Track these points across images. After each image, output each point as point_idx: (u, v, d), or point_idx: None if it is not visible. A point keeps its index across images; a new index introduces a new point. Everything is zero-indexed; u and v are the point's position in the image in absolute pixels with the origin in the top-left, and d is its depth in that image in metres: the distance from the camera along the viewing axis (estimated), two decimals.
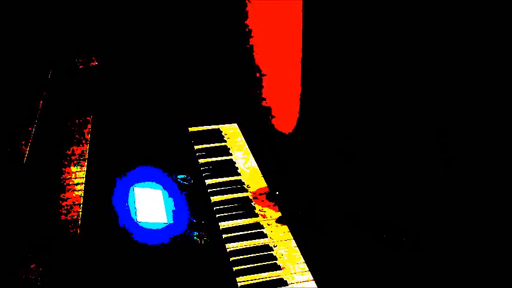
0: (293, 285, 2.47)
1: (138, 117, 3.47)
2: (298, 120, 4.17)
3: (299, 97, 4.14)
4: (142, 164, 3.00)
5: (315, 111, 4.10)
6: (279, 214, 2.86)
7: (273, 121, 4.14)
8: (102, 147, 3.10)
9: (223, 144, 3.44)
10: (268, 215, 2.86)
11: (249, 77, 4.06)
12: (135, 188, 2.84)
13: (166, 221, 2.71)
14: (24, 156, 2.65)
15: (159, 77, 3.93)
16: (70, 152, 3.01)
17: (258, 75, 4.05)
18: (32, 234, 2.43)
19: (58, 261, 2.34)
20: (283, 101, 4.13)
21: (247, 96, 4.07)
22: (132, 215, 2.68)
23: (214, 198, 2.96)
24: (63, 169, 2.87)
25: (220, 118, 3.68)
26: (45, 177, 2.80)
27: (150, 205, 2.78)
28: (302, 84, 4.11)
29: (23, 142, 2.75)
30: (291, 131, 4.20)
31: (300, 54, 4.01)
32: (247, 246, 2.66)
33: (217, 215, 2.84)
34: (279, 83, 4.08)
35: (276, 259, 2.59)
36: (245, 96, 4.06)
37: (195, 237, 2.63)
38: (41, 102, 3.13)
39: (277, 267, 2.55)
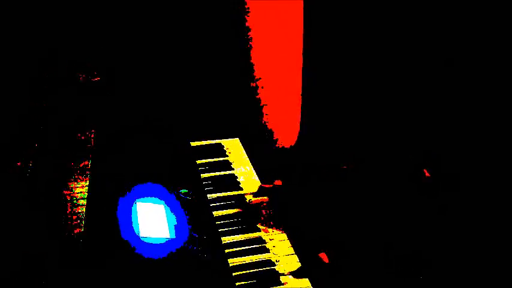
0: None
1: (140, 132, 3.48)
2: (300, 133, 4.18)
3: (300, 110, 4.15)
4: (145, 179, 3.00)
5: (316, 123, 4.11)
6: (281, 232, 2.86)
7: (275, 135, 4.15)
8: (105, 162, 3.10)
9: (225, 158, 3.45)
10: (270, 230, 2.86)
11: (250, 91, 4.07)
12: (138, 203, 2.84)
13: (168, 236, 2.71)
14: (27, 171, 2.65)
15: (161, 91, 3.94)
16: (72, 167, 3.01)
17: (259, 89, 4.06)
18: (34, 248, 2.43)
19: (60, 275, 2.34)
20: (285, 113, 4.14)
21: (249, 110, 4.09)
22: (135, 230, 2.68)
23: (216, 213, 2.96)
24: (66, 184, 2.87)
25: (222, 132, 3.69)
26: (47, 191, 2.80)
27: (153, 220, 2.78)
28: (303, 97, 4.12)
29: (26, 157, 2.76)
30: (292, 144, 4.21)
31: (301, 66, 4.03)
32: (250, 261, 2.66)
33: (219, 230, 2.84)
34: (280, 97, 4.10)
35: (279, 274, 2.59)
36: (246, 111, 4.07)
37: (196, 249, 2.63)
38: (44, 116, 3.14)
39: (279, 283, 2.54)
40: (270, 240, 2.80)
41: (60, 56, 3.70)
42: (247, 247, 2.74)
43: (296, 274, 2.59)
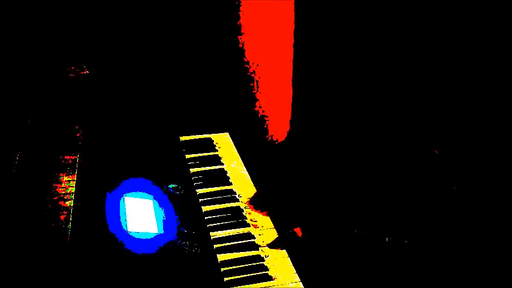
0: None
1: (129, 126, 3.46)
2: (290, 127, 4.17)
3: (290, 104, 4.14)
4: (133, 174, 2.98)
5: (306, 118, 4.10)
6: (270, 223, 2.85)
7: (265, 130, 4.14)
8: (93, 157, 3.08)
9: (214, 153, 3.43)
10: (259, 225, 2.85)
11: (240, 85, 4.06)
12: (126, 198, 2.82)
13: (156, 231, 2.69)
14: (14, 166, 2.63)
15: (149, 85, 3.92)
16: (60, 162, 2.99)
17: (249, 84, 4.05)
18: (22, 243, 2.42)
19: (48, 270, 2.32)
20: (275, 108, 4.13)
21: (239, 104, 4.07)
22: (123, 225, 2.66)
23: (205, 208, 2.95)
24: (53, 178, 2.85)
25: (211, 127, 3.68)
26: (34, 186, 2.78)
27: (141, 215, 2.76)
28: (293, 92, 4.11)
29: (13, 151, 2.74)
30: (283, 138, 4.20)
31: (291, 61, 4.02)
32: (239, 257, 2.65)
33: (208, 225, 2.83)
34: (270, 91, 4.09)
35: (268, 269, 2.58)
36: (236, 105, 4.06)
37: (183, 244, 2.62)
38: (32, 111, 3.11)
39: (268, 278, 2.53)
40: (260, 235, 2.78)
41: (48, 49, 3.67)
42: (236, 242, 2.73)
43: (284, 268, 2.58)
